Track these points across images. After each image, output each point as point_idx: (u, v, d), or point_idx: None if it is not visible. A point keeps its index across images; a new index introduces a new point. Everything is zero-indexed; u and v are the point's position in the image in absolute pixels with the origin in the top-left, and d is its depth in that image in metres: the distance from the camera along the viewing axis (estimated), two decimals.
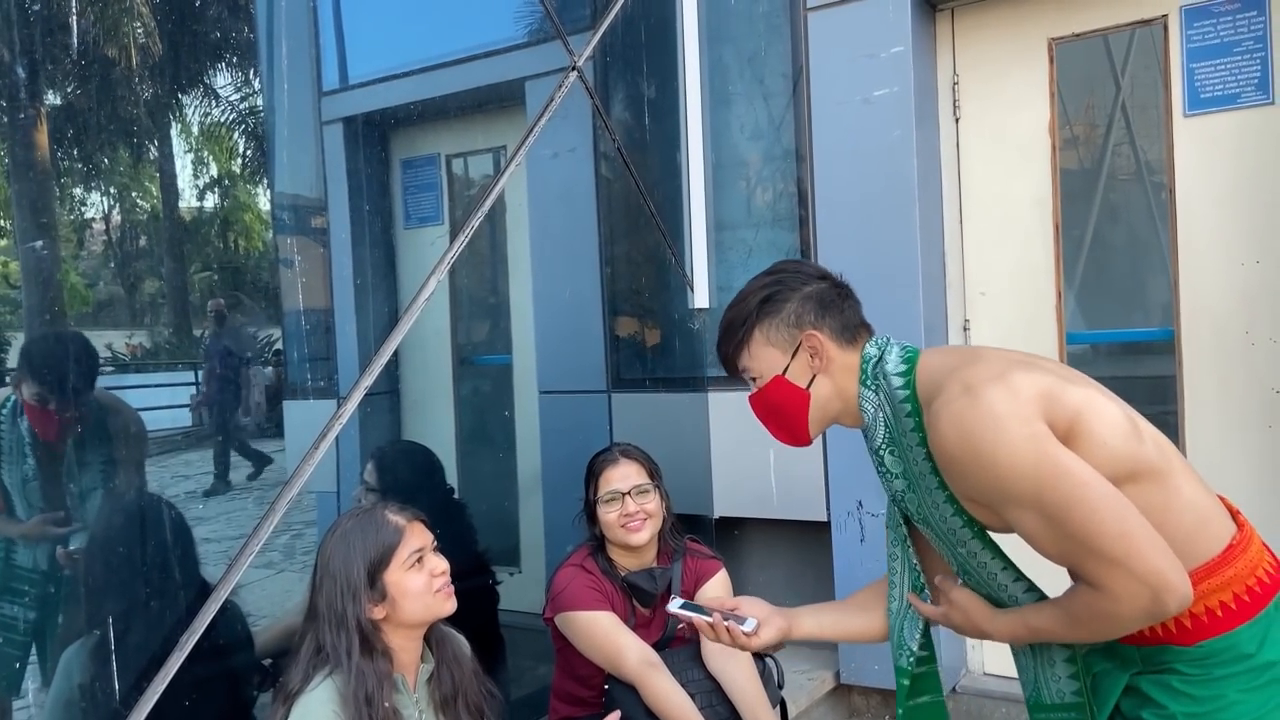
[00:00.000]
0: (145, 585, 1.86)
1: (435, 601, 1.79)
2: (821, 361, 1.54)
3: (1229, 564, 1.39)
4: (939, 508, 1.47)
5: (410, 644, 1.82)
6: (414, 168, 2.97)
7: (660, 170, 3.39)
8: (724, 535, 3.45)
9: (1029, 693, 1.56)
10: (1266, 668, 1.37)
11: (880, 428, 1.51)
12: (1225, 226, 2.81)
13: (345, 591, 1.72)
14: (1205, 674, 1.39)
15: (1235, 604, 1.38)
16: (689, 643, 2.39)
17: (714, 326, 3.38)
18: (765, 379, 1.57)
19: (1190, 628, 1.38)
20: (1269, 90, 2.75)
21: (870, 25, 3.02)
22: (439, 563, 1.82)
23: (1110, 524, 1.28)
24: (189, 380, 2.39)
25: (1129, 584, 1.28)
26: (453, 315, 2.99)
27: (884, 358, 1.52)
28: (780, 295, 1.56)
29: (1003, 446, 1.31)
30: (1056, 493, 1.30)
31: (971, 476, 1.36)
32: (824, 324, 1.54)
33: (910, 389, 1.46)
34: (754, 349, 1.57)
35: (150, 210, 2.35)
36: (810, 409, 1.56)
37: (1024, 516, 1.34)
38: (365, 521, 1.79)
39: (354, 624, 1.71)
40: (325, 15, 2.59)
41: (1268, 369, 2.77)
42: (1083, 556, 1.31)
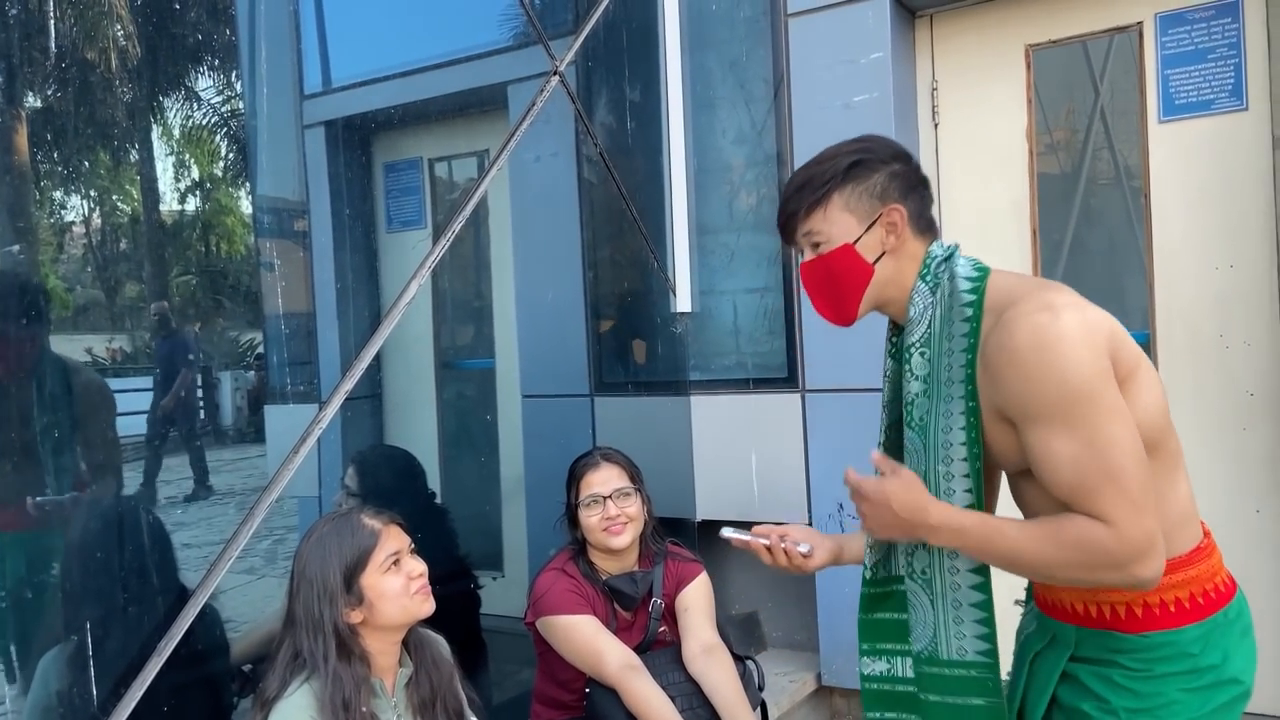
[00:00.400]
0: (123, 590, 1.85)
1: (413, 603, 1.80)
2: (896, 240, 1.49)
3: (1193, 565, 1.43)
4: (950, 418, 1.44)
5: (388, 647, 1.82)
6: (396, 171, 2.97)
7: (643, 174, 3.40)
8: (707, 538, 3.46)
9: (922, 646, 1.51)
10: (1207, 670, 1.40)
11: (922, 326, 1.48)
12: (1200, 231, 2.85)
13: (321, 596, 1.72)
14: (1147, 669, 1.41)
15: (1189, 603, 1.41)
16: (670, 645, 2.41)
17: (697, 331, 3.41)
18: (831, 245, 1.50)
19: (1140, 616, 1.41)
20: (1242, 97, 2.79)
21: (850, 31, 3.04)
22: (416, 565, 1.83)
23: (1138, 471, 1.30)
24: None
25: (1138, 528, 1.29)
26: (435, 319, 2.99)
27: (952, 259, 1.49)
28: (869, 164, 1.50)
29: (1071, 365, 1.31)
30: (1102, 422, 1.31)
31: (1024, 386, 1.34)
32: (907, 203, 1.50)
33: (978, 295, 1.43)
34: (830, 212, 1.50)
35: (130, 213, 2.34)
36: (869, 287, 1.51)
37: (1056, 438, 1.32)
38: (341, 526, 1.79)
39: (330, 628, 1.71)
40: (307, 18, 2.58)
41: (1242, 371, 2.80)
42: (1101, 490, 1.30)
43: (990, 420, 1.42)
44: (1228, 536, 2.79)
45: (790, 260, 3.22)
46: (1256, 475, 2.79)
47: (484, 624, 2.75)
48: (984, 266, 1.48)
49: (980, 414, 1.41)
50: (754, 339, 3.34)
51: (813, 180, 1.52)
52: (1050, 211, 3.10)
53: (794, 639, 3.41)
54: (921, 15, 3.21)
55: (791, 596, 3.39)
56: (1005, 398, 1.38)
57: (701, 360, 3.43)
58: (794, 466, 3.20)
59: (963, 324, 1.43)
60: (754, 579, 3.48)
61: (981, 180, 3.15)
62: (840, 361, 3.11)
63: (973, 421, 1.42)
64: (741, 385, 3.33)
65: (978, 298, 1.43)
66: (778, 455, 3.23)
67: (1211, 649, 1.41)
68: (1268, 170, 2.74)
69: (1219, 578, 1.46)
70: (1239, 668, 1.43)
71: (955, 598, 1.49)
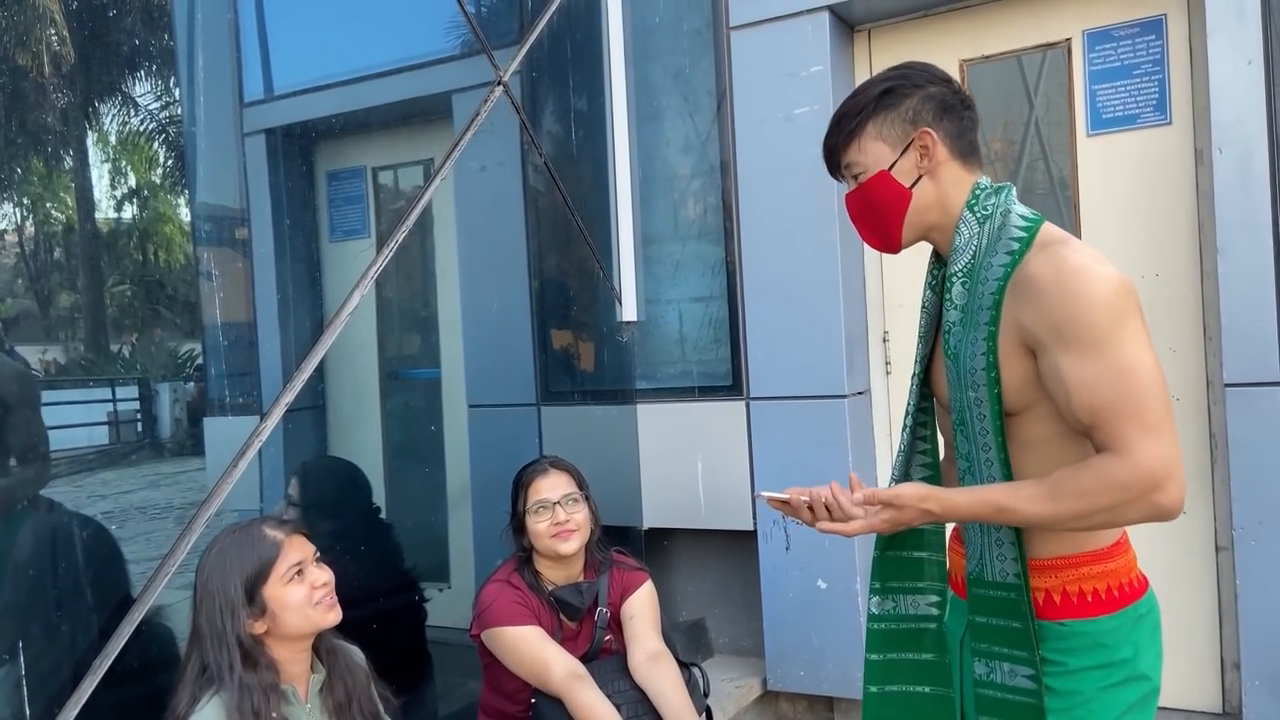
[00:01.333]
0: (57, 608, 1.81)
1: (316, 613, 1.80)
2: (930, 163, 1.51)
3: (1112, 558, 1.50)
4: (975, 344, 1.46)
5: (297, 655, 1.82)
6: (339, 180, 2.94)
7: (589, 184, 3.41)
8: (654, 546, 3.47)
9: (972, 567, 1.54)
10: (1120, 664, 1.46)
11: (965, 255, 1.49)
12: (1128, 241, 2.94)
13: (224, 608, 1.72)
14: (1063, 663, 1.46)
15: (1105, 595, 1.47)
16: (616, 654, 2.41)
17: (643, 340, 3.43)
18: (869, 174, 1.53)
19: (1059, 604, 1.48)
20: (1166, 111, 2.89)
21: (790, 45, 3.09)
22: (321, 574, 1.83)
23: (1160, 401, 1.35)
24: (105, 397, 2.34)
25: (1155, 453, 1.33)
26: (380, 329, 2.96)
27: (1007, 197, 1.51)
28: (902, 90, 1.51)
29: (1110, 293, 1.36)
30: (1129, 349, 1.35)
31: (1063, 306, 1.37)
32: (940, 126, 1.51)
33: (1030, 234, 1.45)
34: (864, 142, 1.53)
35: (65, 222, 2.30)
36: (909, 211, 1.53)
37: (1083, 360, 1.36)
38: (242, 538, 1.80)
39: (234, 640, 1.71)
40: (248, 25, 2.55)
41: (1168, 378, 2.89)
42: (1125, 414, 1.34)
43: (1007, 349, 1.44)
44: (1155, 539, 2.88)
45: (735, 269, 3.25)
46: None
47: (431, 635, 2.73)
48: (1040, 214, 1.51)
49: (998, 339, 1.44)
50: (699, 347, 3.37)
51: (847, 113, 1.55)
52: None
53: (740, 645, 3.44)
54: (860, 30, 3.27)
55: (738, 603, 3.42)
56: (1037, 319, 1.40)
57: (648, 369, 3.45)
58: (739, 473, 3.23)
59: (1005, 255, 1.45)
60: (701, 586, 3.51)
61: None
62: (785, 369, 3.15)
63: (991, 345, 1.44)
64: (687, 393, 3.36)
65: (1029, 235, 1.46)
66: (723, 462, 3.26)
67: (1124, 642, 1.47)
68: (1190, 183, 2.85)
69: (1134, 573, 1.52)
70: (1149, 664, 1.49)
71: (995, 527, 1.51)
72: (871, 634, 1.72)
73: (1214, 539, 2.86)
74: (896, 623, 1.70)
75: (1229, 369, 2.62)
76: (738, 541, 3.31)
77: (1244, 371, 2.59)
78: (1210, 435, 2.84)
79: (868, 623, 1.73)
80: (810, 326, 3.09)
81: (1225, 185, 2.60)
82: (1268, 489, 2.58)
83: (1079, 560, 1.48)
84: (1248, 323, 2.58)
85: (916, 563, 1.69)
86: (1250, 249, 2.57)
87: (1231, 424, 2.62)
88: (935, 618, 1.69)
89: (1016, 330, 1.43)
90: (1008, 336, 1.43)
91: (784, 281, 3.14)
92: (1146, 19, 2.90)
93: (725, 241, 3.30)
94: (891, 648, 1.70)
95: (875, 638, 1.72)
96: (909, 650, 1.69)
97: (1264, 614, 2.60)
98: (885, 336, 3.31)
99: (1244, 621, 2.63)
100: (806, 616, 3.13)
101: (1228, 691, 2.87)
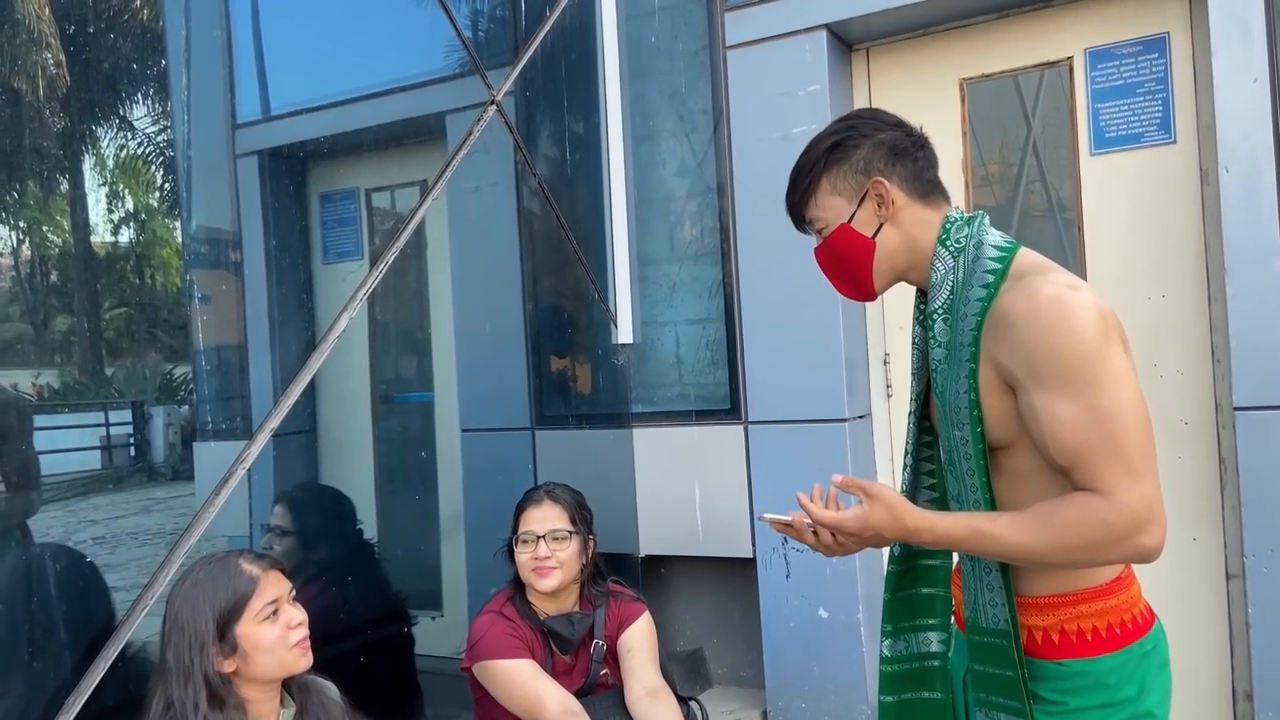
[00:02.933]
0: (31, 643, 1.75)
1: (290, 657, 1.73)
2: (889, 210, 1.50)
3: (1112, 594, 1.44)
4: (959, 381, 1.43)
5: (266, 695, 1.75)
6: (332, 202, 2.91)
7: (584, 205, 3.38)
8: (650, 573, 3.41)
9: (969, 613, 1.52)
10: (1124, 703, 1.40)
11: (945, 291, 1.47)
12: (1131, 262, 2.89)
13: (193, 644, 1.64)
14: (1063, 703, 1.41)
15: (1106, 633, 1.42)
16: (612, 689, 2.35)
17: (639, 363, 3.38)
18: (830, 228, 1.54)
19: (1057, 643, 1.43)
20: (1170, 130, 2.85)
21: (788, 64, 3.06)
22: (295, 614, 1.76)
23: (1141, 439, 1.31)
24: (98, 421, 2.30)
25: (1136, 495, 1.29)
26: (372, 352, 2.92)
27: (978, 226, 1.49)
28: (850, 141, 1.51)
29: (1087, 329, 1.32)
30: (1108, 386, 1.31)
31: (1039, 342, 1.33)
32: (894, 171, 1.50)
33: (1004, 265, 1.43)
34: (820, 198, 1.54)
35: (61, 245, 2.28)
36: (875, 259, 1.52)
37: (1061, 399, 1.32)
38: (217, 570, 1.72)
39: (201, 677, 1.63)
40: (241, 47, 2.54)
41: (1176, 400, 2.84)
42: (1103, 455, 1.30)
43: (988, 386, 1.41)
44: (1165, 565, 2.82)
45: (732, 290, 3.21)
46: (1192, 503, 2.82)
47: (422, 665, 2.67)
48: (1015, 241, 1.49)
49: (978, 377, 1.41)
50: (696, 370, 3.32)
51: (800, 171, 1.56)
52: None
53: (739, 676, 3.37)
54: (858, 48, 3.24)
55: (737, 633, 3.36)
56: (1013, 357, 1.36)
57: (644, 392, 3.40)
58: (738, 499, 3.17)
59: (981, 289, 1.42)
60: (699, 615, 3.44)
61: None
62: (784, 393, 3.10)
63: (973, 383, 1.41)
64: (684, 417, 3.31)
65: (1003, 267, 1.43)
66: (721, 488, 3.21)
67: (1127, 681, 1.41)
68: (1196, 202, 2.80)
69: (1137, 608, 1.46)
70: (1155, 701, 1.43)
71: (986, 564, 1.47)
72: (884, 676, 1.68)
73: (1224, 566, 2.79)
74: (908, 663, 1.66)
75: (1239, 392, 2.56)
76: (737, 569, 3.24)
77: (1254, 395, 2.54)
78: (1220, 460, 2.78)
79: (880, 665, 1.69)
80: (810, 349, 3.04)
81: (1232, 204, 2.56)
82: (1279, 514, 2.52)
83: (1077, 598, 1.43)
84: (1257, 345, 2.54)
85: (927, 600, 1.65)
86: (1259, 269, 2.53)
87: (1242, 448, 2.57)
88: (940, 654, 1.65)
89: (994, 367, 1.40)
90: (988, 373, 1.40)
91: (782, 303, 3.10)
92: (1149, 37, 2.87)
93: (722, 263, 3.26)
94: (904, 688, 1.66)
95: (887, 680, 1.68)
96: (921, 689, 1.65)
97: (1276, 642, 2.54)
98: (886, 359, 3.26)
99: (1256, 650, 2.57)
100: (808, 646, 3.07)
101: None
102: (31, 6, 1.97)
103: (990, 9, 3.02)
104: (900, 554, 1.66)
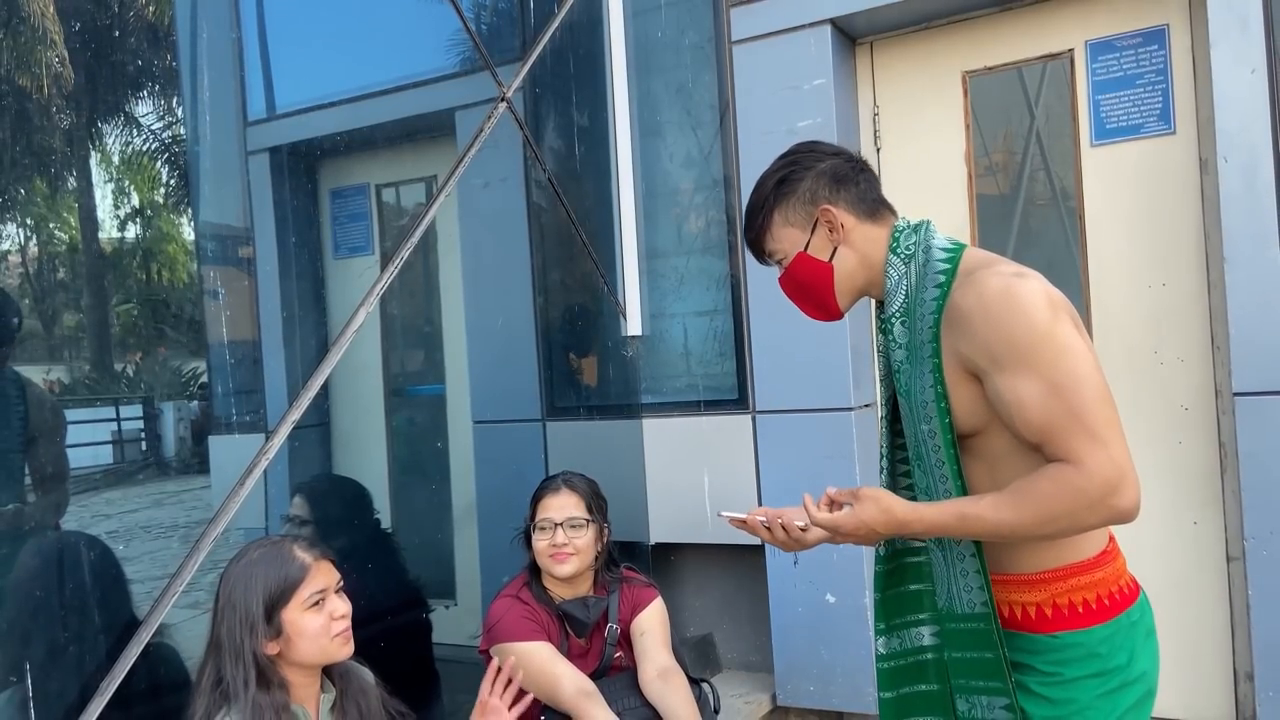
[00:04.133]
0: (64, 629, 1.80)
1: (332, 645, 1.77)
2: (840, 234, 1.59)
3: (1100, 567, 1.51)
4: (924, 377, 1.50)
5: (307, 680, 1.80)
6: (343, 197, 2.94)
7: (592, 199, 3.42)
8: (660, 561, 3.46)
9: (942, 604, 1.58)
10: (1115, 671, 1.47)
11: (900, 296, 1.55)
12: (1133, 251, 2.94)
13: (243, 623, 1.69)
14: (1058, 674, 1.48)
15: (1096, 605, 1.49)
16: (626, 670, 2.40)
17: (647, 354, 3.43)
18: (789, 258, 1.63)
19: (1050, 617, 1.49)
20: (1170, 121, 2.89)
21: (793, 58, 3.10)
22: (340, 605, 1.80)
23: (1101, 408, 1.38)
24: (109, 416, 2.33)
25: (1104, 460, 1.36)
26: (384, 346, 2.96)
27: (925, 231, 1.57)
28: (795, 175, 1.61)
29: (1036, 311, 1.41)
30: (1064, 362, 1.39)
31: (993, 331, 1.42)
32: (839, 197, 1.59)
33: (953, 264, 1.51)
34: (775, 230, 1.63)
35: (69, 242, 2.30)
36: (835, 280, 1.61)
37: (1023, 380, 1.40)
38: (272, 553, 1.77)
39: (250, 657, 1.68)
40: (251, 44, 2.56)
41: (1176, 387, 2.89)
42: (1068, 428, 1.37)
43: (953, 377, 1.48)
44: (1167, 548, 2.88)
45: (739, 282, 3.25)
46: (1193, 488, 2.87)
47: (437, 653, 2.71)
48: (961, 243, 1.57)
49: (943, 370, 1.48)
50: (704, 361, 3.37)
51: (753, 209, 1.66)
52: (990, 232, 3.17)
53: (749, 660, 3.42)
54: (862, 43, 3.28)
55: (745, 618, 3.41)
56: (972, 347, 1.44)
57: (653, 383, 3.44)
58: (746, 488, 3.21)
59: (934, 289, 1.50)
60: (708, 601, 3.49)
61: (923, 202, 3.22)
62: (791, 382, 3.14)
63: (938, 377, 1.48)
64: (693, 408, 3.35)
65: (952, 266, 1.51)
66: (730, 477, 3.25)
67: (1118, 649, 1.48)
68: (1196, 192, 2.84)
69: (1123, 580, 1.53)
70: (1144, 667, 1.51)
71: (960, 550, 1.54)
72: (881, 673, 1.74)
73: (1225, 549, 2.84)
74: (903, 658, 1.71)
75: (1238, 378, 2.61)
76: (745, 556, 3.29)
77: (1253, 381, 2.58)
78: (1220, 445, 2.83)
79: (877, 663, 1.74)
80: (815, 339, 3.08)
81: (1231, 194, 2.60)
82: (1279, 498, 2.56)
83: (1067, 572, 1.49)
84: (1256, 331, 2.58)
85: (915, 596, 1.70)
86: (1257, 257, 2.57)
87: (1241, 433, 2.61)
88: (933, 647, 1.69)
89: (957, 358, 1.47)
90: (951, 365, 1.48)
91: None
92: (1149, 29, 2.90)
93: (729, 255, 3.30)
94: (902, 683, 1.71)
95: (885, 676, 1.73)
96: (919, 683, 1.70)
97: (1277, 624, 2.58)
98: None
99: (1256, 632, 2.61)
100: (815, 631, 3.12)
101: (1241, 703, 2.84)
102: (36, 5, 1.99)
103: (992, 2, 3.05)
104: (886, 554, 1.71)
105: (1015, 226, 3.16)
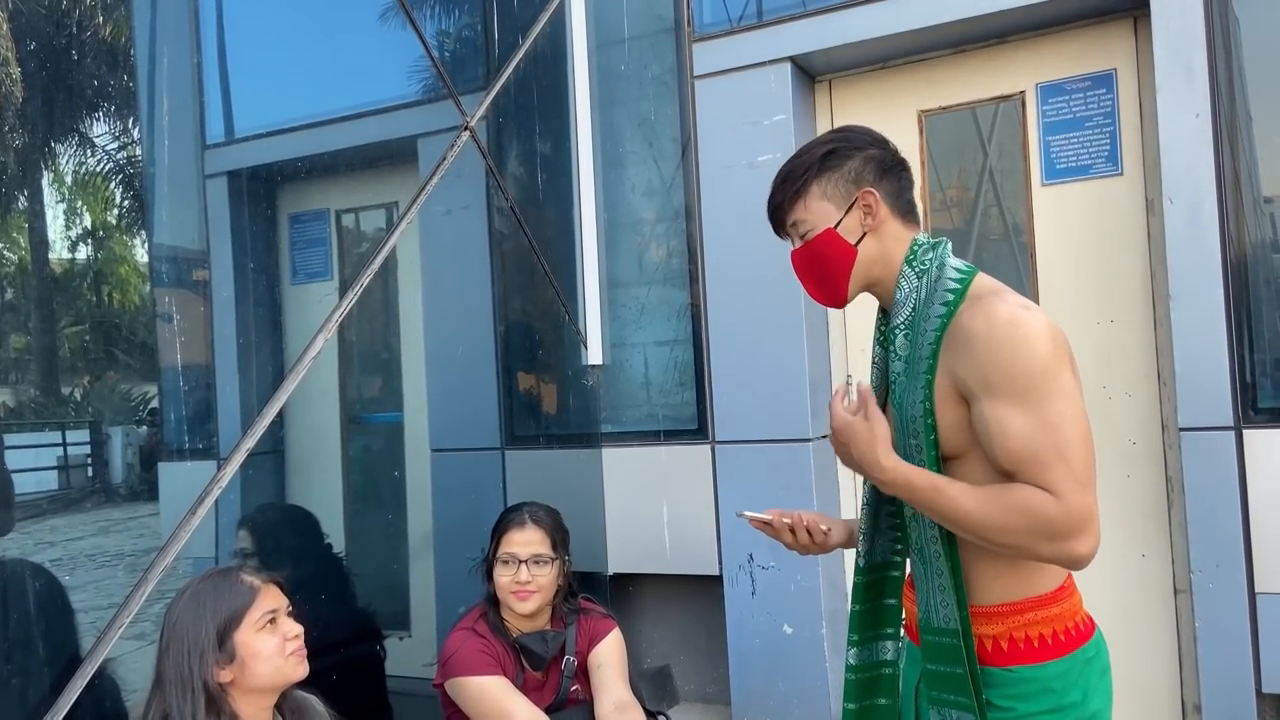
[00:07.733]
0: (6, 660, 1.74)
1: (287, 665, 1.75)
2: (874, 221, 1.57)
3: (1056, 603, 1.52)
4: (916, 392, 1.51)
5: (260, 711, 1.76)
6: (302, 223, 2.92)
7: (554, 228, 3.42)
8: (619, 591, 3.44)
9: (922, 614, 1.58)
10: (1069, 709, 1.48)
11: (907, 308, 1.55)
12: (1082, 288, 3.01)
13: (192, 652, 1.66)
14: (1013, 709, 1.49)
15: (1052, 640, 1.50)
16: (583, 704, 2.37)
17: (608, 383, 3.43)
18: (816, 231, 1.59)
19: (1006, 650, 1.50)
20: (1118, 162, 2.97)
21: (753, 94, 3.15)
22: (293, 626, 1.79)
23: (1084, 454, 1.40)
24: (56, 441, 2.28)
25: (1081, 502, 1.37)
26: (341, 372, 2.93)
27: (941, 250, 1.57)
28: (844, 151, 1.59)
29: (1039, 346, 1.41)
30: (1057, 401, 1.40)
31: (994, 358, 1.42)
32: (882, 185, 1.58)
33: (963, 285, 1.52)
34: (810, 201, 1.59)
35: (18, 263, 2.25)
36: (855, 266, 1.59)
37: (1013, 411, 1.41)
38: (218, 581, 1.76)
39: (199, 685, 1.65)
40: (210, 67, 2.55)
41: (1124, 422, 2.95)
42: (1050, 461, 1.39)
43: (943, 396, 1.49)
44: (1115, 580, 2.93)
45: (700, 312, 3.27)
46: (1141, 521, 2.92)
47: (391, 685, 2.67)
48: (973, 266, 1.58)
49: (934, 387, 1.49)
50: (665, 391, 3.38)
51: (792, 173, 1.62)
52: None
53: (706, 692, 3.40)
54: (821, 80, 3.34)
55: (703, 649, 3.40)
56: (969, 370, 1.45)
57: (613, 413, 3.44)
58: (705, 517, 3.22)
59: (941, 307, 1.51)
60: (667, 632, 3.47)
61: None
62: (750, 413, 3.16)
63: (928, 393, 1.49)
64: (652, 437, 3.35)
65: (962, 288, 1.52)
66: (689, 507, 3.25)
67: (1072, 686, 1.49)
68: (1142, 232, 2.92)
69: (1079, 616, 1.55)
70: (1097, 705, 1.51)
71: (938, 566, 1.54)
72: (849, 684, 1.74)
73: (1172, 581, 2.89)
74: (869, 670, 1.72)
75: (1184, 413, 2.67)
76: (704, 586, 3.29)
77: (1198, 416, 2.65)
78: (1167, 479, 2.89)
79: (846, 674, 1.75)
80: (775, 370, 3.11)
81: (1176, 234, 2.68)
82: (1224, 531, 2.62)
83: (1024, 606, 1.51)
84: (1200, 368, 2.64)
85: (888, 609, 1.72)
86: (1202, 295, 2.64)
87: (1187, 468, 2.67)
88: (893, 662, 1.71)
89: (951, 379, 1.48)
90: (943, 385, 1.49)
91: (748, 325, 3.17)
92: (1097, 73, 3.00)
93: (690, 285, 3.32)
94: (864, 696, 1.72)
95: (852, 688, 1.73)
96: (879, 696, 1.71)
97: (1223, 656, 2.63)
98: (849, 380, 3.34)
99: (1204, 664, 2.66)
100: (773, 662, 3.12)
101: None
102: None
103: (947, 44, 3.13)
104: (866, 565, 1.72)
105: (969, 259, 3.22)
